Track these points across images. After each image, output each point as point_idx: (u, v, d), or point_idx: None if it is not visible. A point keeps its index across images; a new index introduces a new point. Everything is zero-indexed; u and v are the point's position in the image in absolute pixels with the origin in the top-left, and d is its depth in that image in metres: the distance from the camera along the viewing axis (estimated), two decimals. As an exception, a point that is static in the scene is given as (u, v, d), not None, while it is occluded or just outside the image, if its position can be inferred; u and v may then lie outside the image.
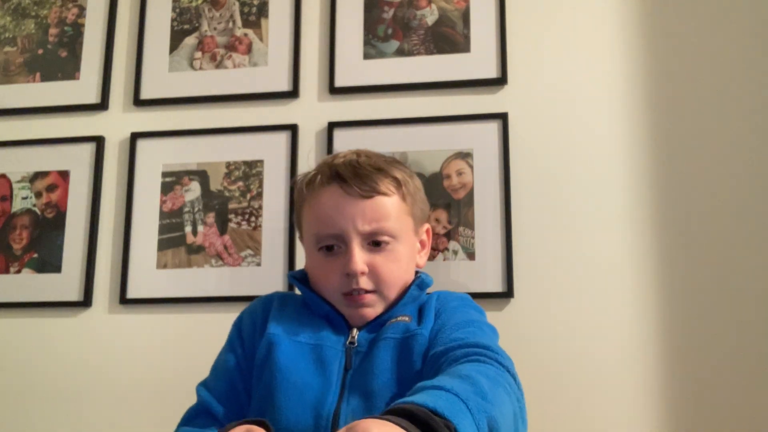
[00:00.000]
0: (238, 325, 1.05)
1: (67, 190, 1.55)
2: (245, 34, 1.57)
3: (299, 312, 1.02)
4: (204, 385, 1.02)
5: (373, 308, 1.00)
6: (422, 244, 1.09)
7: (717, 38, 1.42)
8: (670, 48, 1.43)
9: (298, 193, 1.06)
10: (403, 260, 1.01)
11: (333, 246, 0.99)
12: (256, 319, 1.03)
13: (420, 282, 1.04)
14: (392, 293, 1.00)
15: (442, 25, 1.50)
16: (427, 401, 0.68)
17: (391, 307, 1.00)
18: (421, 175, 1.43)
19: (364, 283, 0.98)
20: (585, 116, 1.42)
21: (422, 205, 1.08)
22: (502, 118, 1.42)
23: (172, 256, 1.48)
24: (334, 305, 1.00)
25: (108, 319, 1.48)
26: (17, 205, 1.56)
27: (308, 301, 1.03)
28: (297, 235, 1.10)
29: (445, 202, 1.41)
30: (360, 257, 0.97)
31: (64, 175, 1.56)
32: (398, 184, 1.01)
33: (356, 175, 0.99)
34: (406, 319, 0.98)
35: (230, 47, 1.56)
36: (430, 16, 1.51)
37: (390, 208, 0.99)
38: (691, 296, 1.32)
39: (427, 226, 1.10)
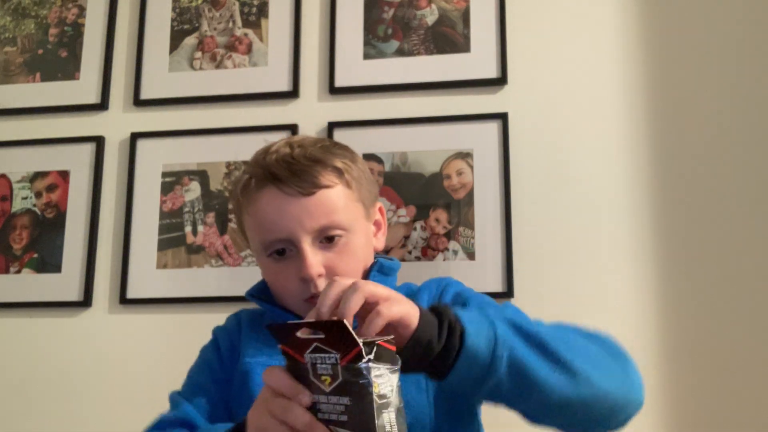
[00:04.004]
0: (214, 344, 1.01)
1: (67, 190, 1.55)
2: (245, 34, 1.57)
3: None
4: (183, 397, 0.97)
5: None
6: (377, 224, 1.03)
7: (717, 38, 1.41)
8: (669, 47, 1.43)
9: (235, 202, 0.99)
10: (359, 252, 0.95)
11: (284, 250, 0.92)
12: (233, 338, 0.99)
13: (379, 267, 0.98)
14: None
15: (442, 25, 1.50)
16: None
17: None
18: (421, 176, 1.43)
19: (323, 285, 0.89)
20: (585, 116, 1.42)
21: (370, 186, 1.00)
22: (502, 118, 1.42)
23: (172, 256, 1.48)
24: (299, 314, 0.93)
25: (108, 319, 1.48)
26: (17, 205, 1.56)
27: (275, 318, 0.97)
28: (243, 238, 1.04)
29: (445, 202, 1.41)
30: (314, 259, 0.90)
31: (64, 175, 1.56)
32: (339, 172, 0.93)
33: (292, 173, 0.90)
34: None
35: (230, 47, 1.56)
36: (430, 16, 1.51)
37: (336, 200, 0.92)
38: (692, 296, 1.32)
39: (378, 205, 1.03)
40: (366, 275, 0.97)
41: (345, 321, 0.67)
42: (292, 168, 0.91)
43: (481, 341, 0.68)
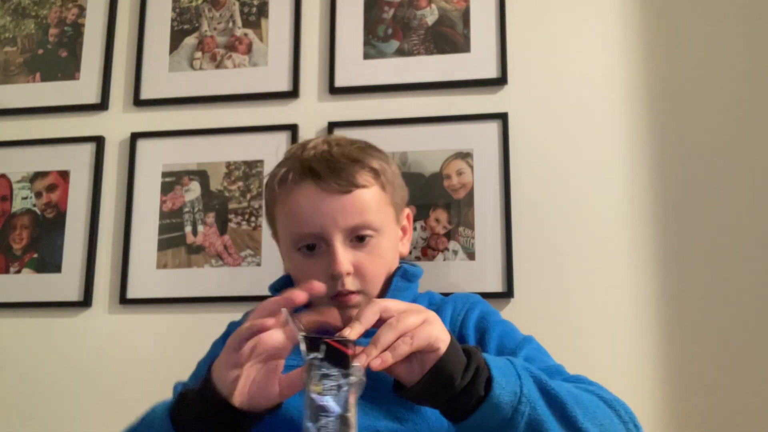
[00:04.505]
0: (226, 339, 1.01)
1: (67, 190, 1.54)
2: (245, 34, 1.57)
3: None
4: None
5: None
6: (403, 230, 1.04)
7: (719, 38, 1.41)
8: (670, 47, 1.43)
9: (269, 193, 0.99)
10: (387, 254, 0.96)
11: (314, 245, 0.93)
12: None
13: (403, 272, 0.99)
14: (376, 290, 0.95)
15: (442, 25, 1.50)
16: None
17: None
18: (421, 176, 1.43)
19: (350, 283, 0.91)
20: (585, 116, 1.42)
21: (401, 191, 1.02)
22: (502, 118, 1.42)
23: (172, 256, 1.48)
24: None
25: (108, 319, 1.48)
26: (17, 205, 1.56)
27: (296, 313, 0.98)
28: (270, 233, 1.05)
29: (445, 202, 1.41)
30: (345, 257, 0.90)
31: (64, 175, 1.56)
32: (376, 174, 0.95)
33: (331, 170, 0.91)
34: None
35: (230, 47, 1.56)
36: (430, 16, 1.51)
37: (370, 201, 0.93)
38: (693, 295, 1.32)
39: (407, 211, 1.05)
40: (389, 280, 0.97)
41: (284, 309, 0.66)
42: (331, 165, 0.92)
43: (506, 394, 0.69)
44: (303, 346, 0.62)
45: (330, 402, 0.60)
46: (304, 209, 0.92)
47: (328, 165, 0.92)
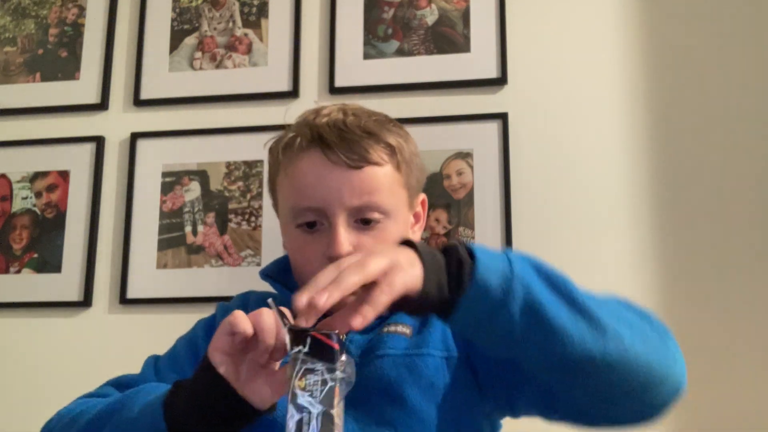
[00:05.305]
0: (210, 321, 0.97)
1: (67, 190, 1.55)
2: (245, 34, 1.57)
3: None
4: (156, 367, 0.94)
5: None
6: (416, 217, 0.96)
7: (717, 38, 1.41)
8: (669, 47, 1.43)
9: (273, 158, 0.92)
10: (394, 241, 0.86)
11: (314, 222, 0.85)
12: None
13: None
14: None
15: (442, 25, 1.50)
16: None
17: None
18: (421, 175, 1.43)
19: None
20: (585, 116, 1.42)
21: (418, 173, 0.93)
22: (502, 118, 1.42)
23: (172, 256, 1.48)
24: None
25: (108, 319, 1.48)
26: (17, 205, 1.56)
27: (285, 302, 0.87)
28: (271, 203, 0.99)
29: (445, 202, 1.41)
30: (345, 238, 0.82)
31: (64, 175, 1.56)
32: (392, 151, 0.87)
33: (343, 140, 0.84)
34: (407, 331, 0.84)
35: (230, 47, 1.56)
36: (430, 16, 1.51)
37: (382, 180, 0.85)
38: (693, 296, 1.32)
39: (422, 196, 0.97)
40: None
41: (269, 301, 0.63)
42: (343, 136, 0.84)
43: (493, 275, 0.63)
44: (287, 339, 0.60)
45: (314, 398, 0.57)
46: (308, 180, 0.85)
47: (339, 135, 0.84)
